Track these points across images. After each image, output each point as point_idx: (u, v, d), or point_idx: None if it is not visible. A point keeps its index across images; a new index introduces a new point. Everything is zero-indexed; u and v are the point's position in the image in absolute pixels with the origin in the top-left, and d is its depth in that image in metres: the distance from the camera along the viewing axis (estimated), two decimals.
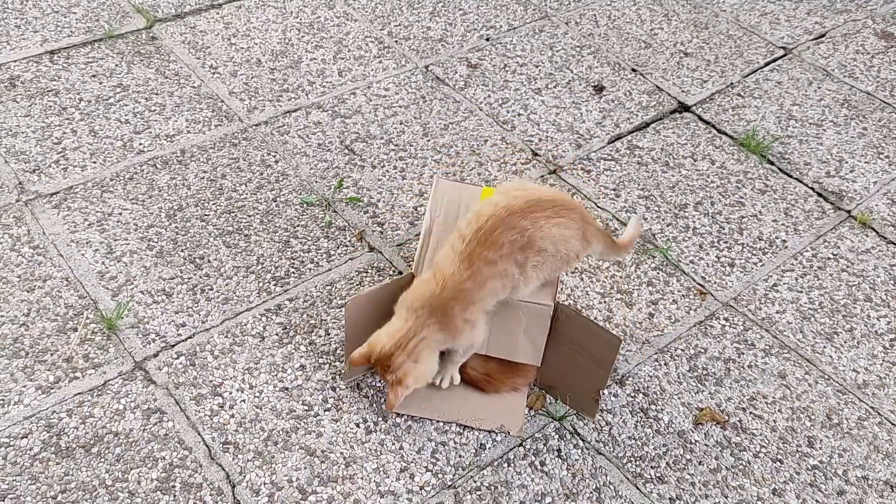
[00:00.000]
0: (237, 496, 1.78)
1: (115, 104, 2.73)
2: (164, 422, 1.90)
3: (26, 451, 1.81)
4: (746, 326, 2.31)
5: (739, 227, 2.62)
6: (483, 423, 1.95)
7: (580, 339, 1.87)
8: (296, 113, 2.80)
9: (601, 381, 1.91)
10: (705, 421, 2.05)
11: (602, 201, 2.64)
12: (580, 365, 1.90)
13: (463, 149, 2.76)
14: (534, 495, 1.86)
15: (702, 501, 1.89)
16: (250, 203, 2.46)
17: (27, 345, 2.01)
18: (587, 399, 1.97)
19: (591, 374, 1.90)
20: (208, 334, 2.09)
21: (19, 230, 2.27)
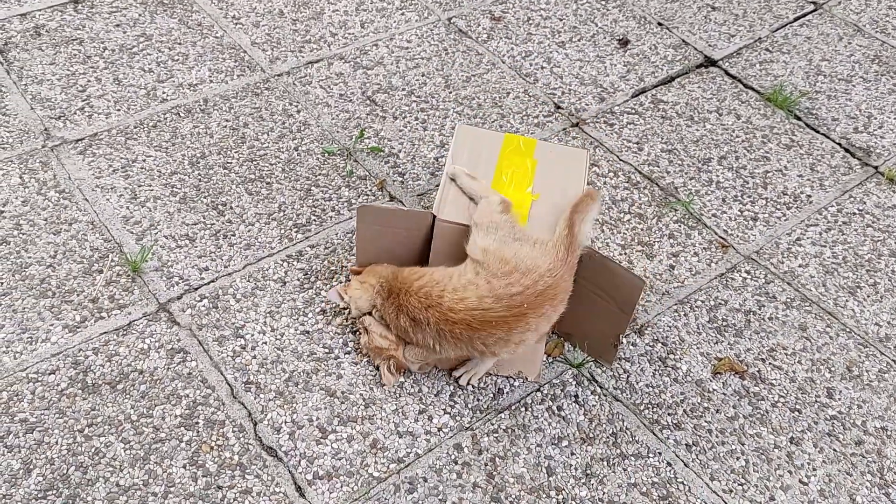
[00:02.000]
0: (259, 433, 1.82)
1: (139, 53, 2.74)
2: (188, 361, 1.93)
3: (54, 386, 1.85)
4: (768, 279, 2.29)
5: (764, 181, 2.59)
6: (501, 369, 1.97)
7: (602, 282, 1.87)
8: (318, 64, 2.79)
9: (622, 326, 1.91)
10: (724, 371, 2.05)
11: (624, 154, 2.62)
12: (600, 310, 1.90)
13: (485, 101, 2.74)
14: (550, 438, 1.87)
15: (718, 448, 1.90)
16: (272, 152, 2.47)
17: (54, 285, 2.04)
18: (606, 345, 1.97)
19: (611, 318, 1.90)
20: (230, 278, 2.11)
21: (45, 175, 2.30)
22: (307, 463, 1.78)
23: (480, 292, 1.72)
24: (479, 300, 1.71)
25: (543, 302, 1.72)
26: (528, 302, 1.71)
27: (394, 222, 1.91)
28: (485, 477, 1.79)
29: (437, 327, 1.73)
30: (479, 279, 1.73)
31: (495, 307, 1.71)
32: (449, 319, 1.72)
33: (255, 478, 1.74)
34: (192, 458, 1.76)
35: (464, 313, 1.71)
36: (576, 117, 2.73)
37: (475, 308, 1.71)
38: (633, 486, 1.81)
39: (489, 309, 1.71)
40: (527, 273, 1.72)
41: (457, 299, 1.72)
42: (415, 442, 1.84)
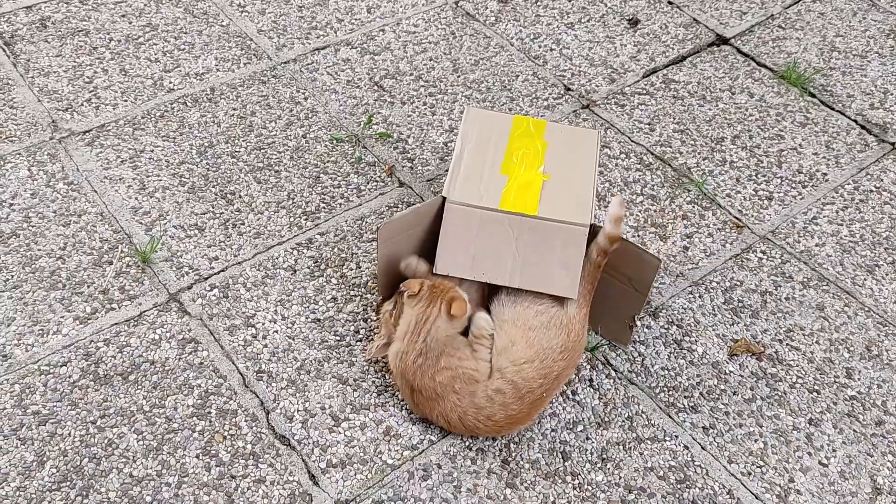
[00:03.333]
0: (271, 422, 1.81)
1: (145, 43, 2.72)
2: (199, 351, 1.92)
3: (66, 378, 1.85)
4: (784, 259, 2.26)
5: (778, 160, 2.55)
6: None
7: (616, 263, 1.84)
8: (324, 50, 2.77)
9: (637, 306, 1.88)
10: (740, 352, 2.02)
11: (636, 135, 2.58)
12: (615, 290, 1.87)
13: (494, 84, 2.71)
14: (565, 423, 1.85)
15: (735, 430, 1.87)
16: (280, 140, 2.45)
17: (64, 277, 2.04)
18: (621, 326, 1.95)
19: (626, 299, 1.88)
20: (241, 267, 2.10)
21: (53, 167, 2.30)
22: (320, 451, 1.77)
23: (507, 400, 1.71)
24: (506, 409, 1.72)
25: (559, 383, 1.78)
26: (547, 391, 1.74)
27: (411, 224, 1.88)
28: (499, 463, 1.77)
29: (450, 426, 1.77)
30: (504, 383, 1.71)
31: (519, 408, 1.72)
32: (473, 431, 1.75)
33: (269, 467, 1.74)
34: (204, 448, 1.75)
35: (491, 428, 1.74)
36: (586, 99, 2.70)
37: (502, 420, 1.73)
38: (649, 469, 1.79)
39: (515, 414, 1.72)
40: (544, 359, 1.73)
41: (483, 418, 1.72)
42: (428, 429, 1.82)
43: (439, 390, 1.71)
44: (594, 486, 1.75)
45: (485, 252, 1.84)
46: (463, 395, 1.71)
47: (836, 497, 1.78)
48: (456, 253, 1.83)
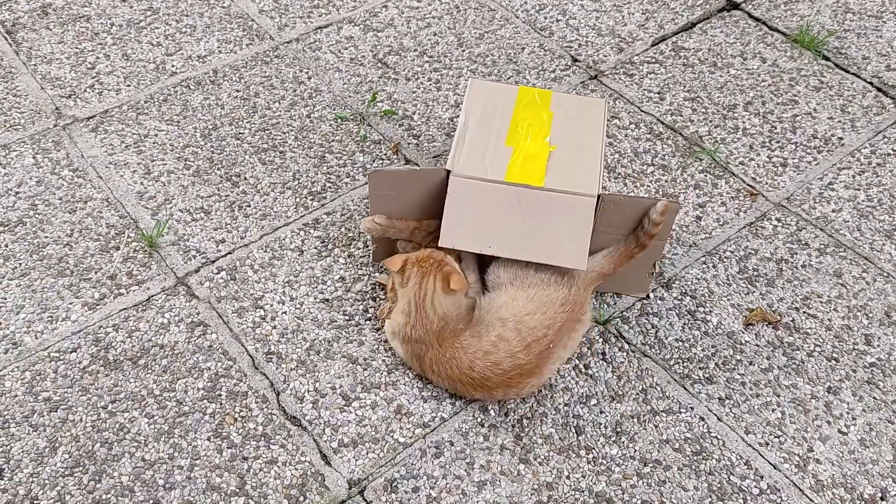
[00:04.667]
0: (282, 403, 1.80)
1: (146, 27, 2.70)
2: (208, 334, 1.91)
3: (76, 364, 1.84)
4: (800, 226, 2.21)
5: (792, 125, 2.50)
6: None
7: (631, 222, 1.81)
8: (327, 28, 2.74)
9: (657, 254, 1.85)
10: (756, 321, 1.98)
11: (645, 105, 2.53)
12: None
13: (499, 58, 2.67)
14: (578, 397, 1.83)
15: (752, 400, 1.84)
16: (284, 120, 2.42)
17: (71, 264, 2.03)
18: (640, 278, 1.91)
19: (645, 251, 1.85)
20: (247, 249, 2.09)
21: (58, 154, 2.29)
22: (332, 431, 1.75)
23: (512, 348, 1.69)
24: (513, 358, 1.69)
25: (565, 336, 1.73)
26: (553, 340, 1.71)
27: (408, 184, 1.86)
28: (512, 438, 1.76)
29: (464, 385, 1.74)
30: (508, 330, 1.70)
31: (527, 359, 1.69)
32: (485, 385, 1.71)
33: (280, 448, 1.73)
34: (216, 431, 1.75)
35: (501, 377, 1.70)
36: (594, 69, 2.65)
37: (511, 369, 1.69)
38: (665, 442, 1.76)
39: (524, 364, 1.69)
40: (545, 309, 1.71)
41: (490, 365, 1.69)
42: (440, 406, 1.80)
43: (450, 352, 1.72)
44: (609, 460, 1.73)
45: (490, 225, 1.81)
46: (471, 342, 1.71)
47: (856, 465, 1.75)
48: (461, 226, 1.81)
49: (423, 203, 1.89)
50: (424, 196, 1.88)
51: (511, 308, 1.74)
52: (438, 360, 1.72)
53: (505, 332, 1.70)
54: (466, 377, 1.70)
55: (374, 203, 1.89)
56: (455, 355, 1.70)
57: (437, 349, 1.71)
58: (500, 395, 1.74)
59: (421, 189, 1.87)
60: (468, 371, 1.69)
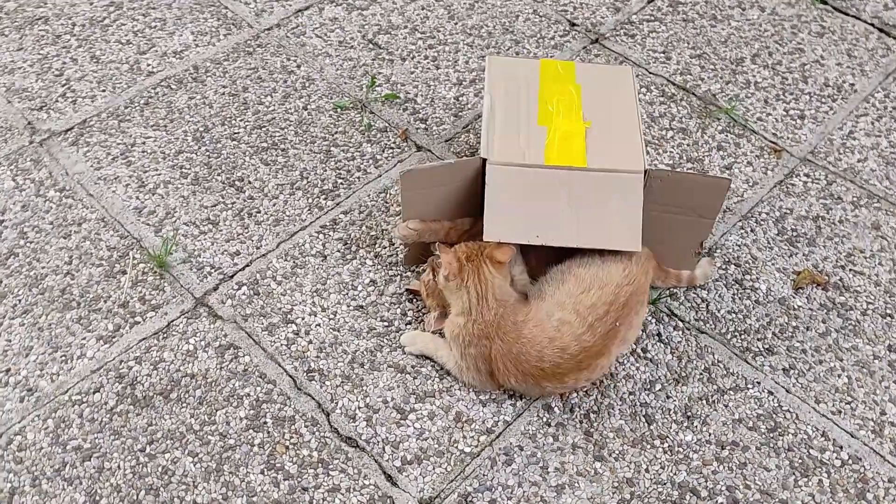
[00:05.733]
0: (333, 424, 1.68)
1: (112, 25, 2.49)
2: (240, 357, 1.77)
3: (101, 405, 1.69)
4: (829, 180, 2.16)
5: (803, 75, 2.43)
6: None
7: (678, 199, 1.72)
8: (308, 11, 2.56)
9: (704, 232, 1.78)
10: (805, 284, 1.93)
11: (653, 66, 2.44)
12: (678, 225, 1.75)
13: (495, 28, 2.54)
14: (642, 384, 1.75)
15: (816, 368, 1.79)
16: (280, 114, 2.26)
17: (76, 294, 1.86)
18: (686, 257, 1.84)
19: (690, 229, 1.77)
20: (266, 260, 1.94)
21: (40, 174, 2.09)
22: (392, 449, 1.65)
23: (575, 330, 1.60)
24: (578, 341, 1.60)
25: (630, 313, 1.65)
26: (619, 318, 1.62)
27: (441, 180, 1.74)
28: (582, 435, 1.67)
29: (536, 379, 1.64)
30: (567, 312, 1.61)
31: (592, 340, 1.60)
32: (557, 374, 1.62)
33: (341, 473, 1.61)
34: (268, 462, 1.62)
35: (570, 362, 1.61)
36: (594, 33, 2.54)
37: (579, 352, 1.60)
38: (738, 422, 1.70)
39: (591, 346, 1.60)
40: (605, 286, 1.62)
41: (557, 351, 1.60)
42: (500, 409, 1.71)
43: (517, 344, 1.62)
44: (685, 447, 1.66)
45: (536, 213, 1.70)
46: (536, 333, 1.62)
47: None
48: (505, 217, 1.69)
49: (458, 198, 1.77)
50: (458, 191, 1.76)
51: (566, 291, 1.65)
52: (506, 354, 1.62)
53: (565, 315, 1.62)
54: (538, 370, 1.61)
55: (406, 206, 1.76)
56: (522, 350, 1.61)
57: (501, 343, 1.62)
58: (573, 383, 1.65)
59: (454, 184, 1.74)
60: (538, 363, 1.60)
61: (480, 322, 1.62)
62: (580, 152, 1.72)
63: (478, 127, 2.25)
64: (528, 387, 1.66)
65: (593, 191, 1.69)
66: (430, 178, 1.73)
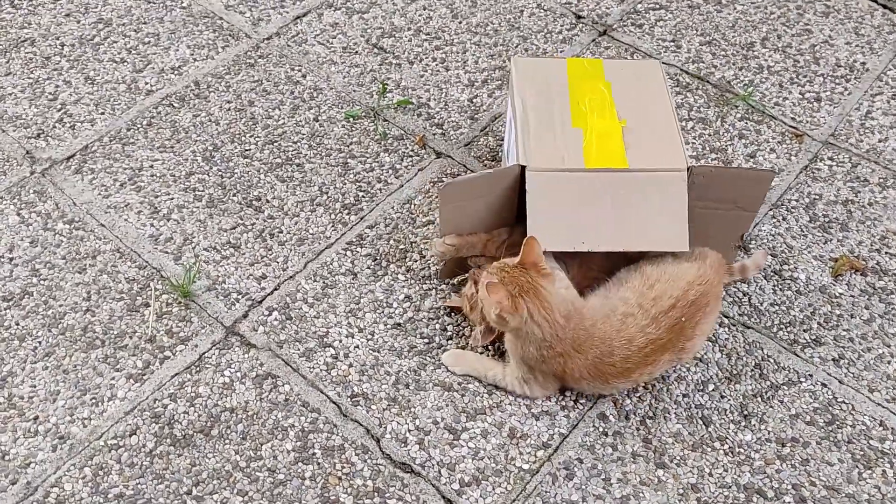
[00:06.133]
0: (385, 450, 1.62)
1: (103, 43, 2.38)
2: (280, 386, 1.70)
3: (140, 448, 1.61)
4: (854, 162, 2.14)
5: (814, 56, 2.41)
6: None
7: (723, 194, 1.68)
8: (307, 17, 2.48)
9: (745, 224, 1.75)
10: (844, 271, 1.91)
11: (664, 56, 2.40)
12: (719, 220, 1.72)
13: (500, 25, 2.48)
14: (694, 386, 1.72)
15: (866, 355, 1.77)
16: (291, 128, 2.18)
17: (99, 332, 1.78)
18: (726, 251, 1.80)
19: (730, 223, 1.74)
20: (294, 282, 1.87)
21: (46, 206, 2.00)
22: (448, 471, 1.59)
23: (639, 321, 1.56)
24: (644, 333, 1.56)
25: (697, 311, 1.58)
26: (685, 314, 1.57)
27: (480, 191, 1.68)
28: (641, 443, 1.63)
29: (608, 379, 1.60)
30: (631, 306, 1.57)
31: (657, 333, 1.56)
32: (627, 369, 1.57)
33: (398, 501, 1.56)
34: (322, 495, 1.56)
35: (638, 354, 1.56)
36: (601, 25, 2.49)
37: (644, 346, 1.56)
38: (795, 417, 1.67)
39: (657, 339, 1.56)
40: (672, 281, 1.58)
41: (625, 343, 1.56)
42: (554, 421, 1.66)
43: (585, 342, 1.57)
44: (746, 447, 1.63)
45: (579, 219, 1.65)
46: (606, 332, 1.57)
47: None
48: (548, 225, 1.64)
49: (495, 209, 1.71)
50: (496, 201, 1.70)
51: (631, 285, 1.62)
52: (583, 364, 1.57)
53: (629, 309, 1.58)
54: (610, 367, 1.56)
55: (444, 221, 1.70)
56: (598, 353, 1.56)
57: (579, 355, 1.56)
58: (640, 377, 1.61)
59: (492, 194, 1.69)
60: (609, 360, 1.56)
61: (558, 345, 1.56)
62: (620, 153, 1.67)
63: (496, 129, 2.19)
64: (596, 386, 1.62)
65: (637, 192, 1.65)
66: (468, 190, 1.67)
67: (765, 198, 1.71)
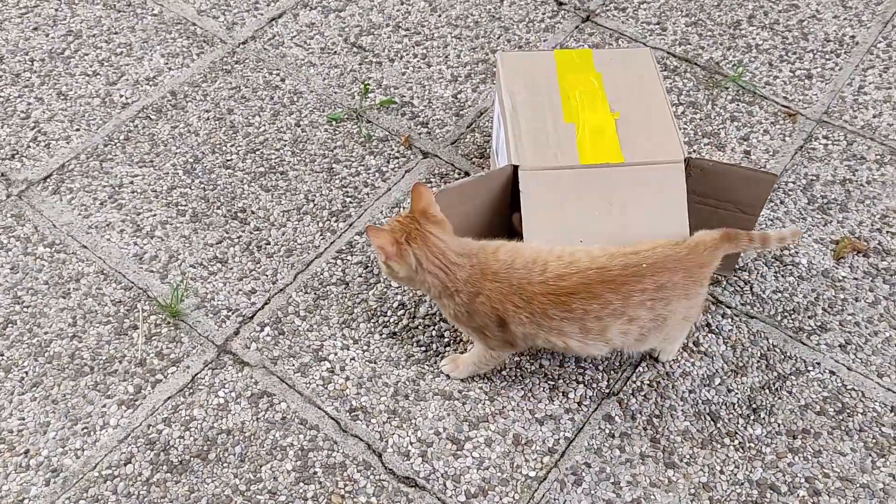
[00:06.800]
0: (387, 464, 1.58)
1: (74, 56, 2.32)
2: (276, 404, 1.66)
3: (136, 477, 1.57)
4: (849, 140, 2.10)
5: (802, 32, 2.36)
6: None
7: (721, 191, 1.64)
8: (282, 19, 2.42)
9: (746, 229, 1.70)
10: (846, 253, 1.87)
11: (650, 39, 2.35)
12: (718, 220, 1.67)
13: (480, 17, 2.42)
14: (700, 380, 1.68)
15: (873, 340, 1.74)
16: (272, 135, 2.13)
17: (87, 358, 1.72)
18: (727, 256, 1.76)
19: (732, 225, 1.67)
20: (285, 295, 1.82)
21: (25, 229, 1.93)
22: (453, 483, 1.55)
23: (593, 253, 1.47)
24: (592, 260, 1.45)
25: (663, 272, 1.45)
26: (648, 263, 1.44)
27: (475, 193, 1.63)
28: (649, 443, 1.60)
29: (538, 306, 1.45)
30: (594, 249, 1.48)
31: (611, 264, 1.44)
32: (562, 299, 1.43)
33: None
34: None
35: (577, 277, 1.43)
36: (583, 10, 2.43)
37: (588, 268, 1.44)
38: (805, 408, 1.64)
39: (605, 268, 1.43)
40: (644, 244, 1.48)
41: (565, 264, 1.45)
42: (559, 425, 1.62)
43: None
44: (756, 442, 1.59)
45: (577, 216, 1.60)
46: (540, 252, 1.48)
47: None
48: (545, 225, 1.60)
49: (491, 210, 1.66)
50: (488, 203, 1.65)
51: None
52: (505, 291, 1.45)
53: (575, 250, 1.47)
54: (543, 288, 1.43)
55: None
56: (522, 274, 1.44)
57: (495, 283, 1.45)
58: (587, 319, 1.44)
59: (488, 195, 1.64)
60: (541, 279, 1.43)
61: (467, 285, 1.46)
62: (614, 147, 1.62)
63: (483, 125, 2.14)
64: (539, 326, 1.47)
65: (634, 186, 1.60)
66: (462, 194, 1.62)
67: (765, 201, 1.65)
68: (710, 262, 1.52)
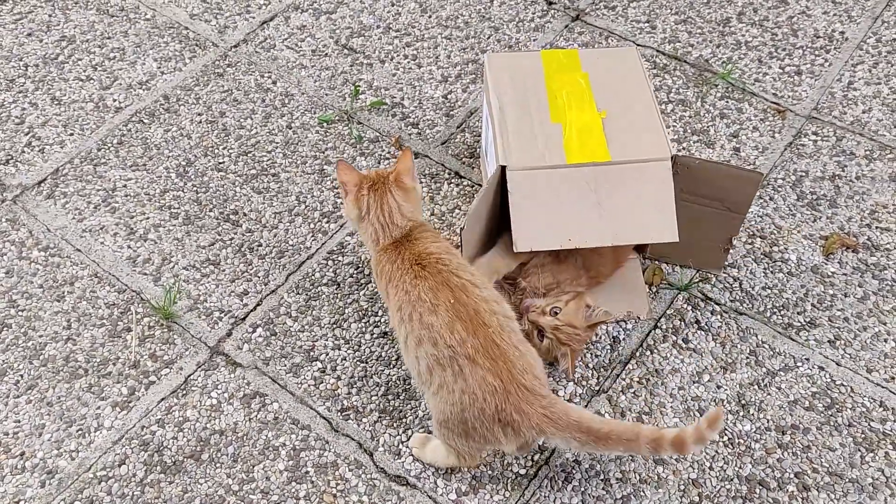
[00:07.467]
0: (379, 463, 1.59)
1: (68, 61, 2.33)
2: (268, 405, 1.67)
3: (130, 478, 1.58)
4: (839, 136, 2.11)
5: (792, 28, 2.37)
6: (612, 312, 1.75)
7: (709, 190, 1.65)
8: (273, 21, 2.43)
9: (734, 228, 1.71)
10: (835, 249, 1.88)
11: (640, 37, 2.36)
12: (706, 218, 1.69)
13: (471, 17, 2.43)
14: (689, 377, 1.69)
15: (862, 335, 1.75)
16: (264, 137, 2.14)
17: (82, 361, 1.74)
18: (713, 252, 1.78)
19: (719, 223, 1.71)
20: (277, 296, 1.83)
21: (19, 234, 1.95)
22: (444, 482, 1.57)
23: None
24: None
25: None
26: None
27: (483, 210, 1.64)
28: None
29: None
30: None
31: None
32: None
33: None
34: None
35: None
36: (573, 9, 2.44)
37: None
38: (794, 403, 1.65)
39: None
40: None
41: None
42: None
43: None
44: (745, 437, 1.60)
45: (565, 216, 1.61)
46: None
47: None
48: (533, 224, 1.61)
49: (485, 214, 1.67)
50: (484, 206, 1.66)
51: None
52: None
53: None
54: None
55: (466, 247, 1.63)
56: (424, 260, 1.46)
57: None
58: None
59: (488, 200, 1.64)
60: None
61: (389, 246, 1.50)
62: (601, 146, 1.63)
63: (473, 125, 2.15)
64: (407, 294, 1.43)
65: (621, 184, 1.61)
66: (479, 216, 1.62)
67: (752, 200, 1.67)
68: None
